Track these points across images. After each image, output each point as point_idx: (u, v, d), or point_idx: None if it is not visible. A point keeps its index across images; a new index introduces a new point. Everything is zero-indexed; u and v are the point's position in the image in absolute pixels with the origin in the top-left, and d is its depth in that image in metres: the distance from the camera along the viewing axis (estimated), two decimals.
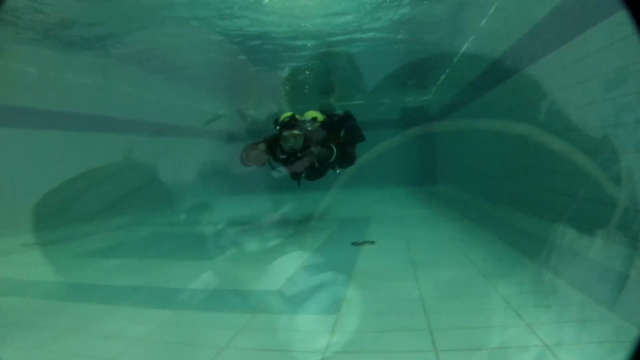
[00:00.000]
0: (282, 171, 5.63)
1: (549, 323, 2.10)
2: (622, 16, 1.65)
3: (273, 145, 5.47)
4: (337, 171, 5.29)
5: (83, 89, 9.52)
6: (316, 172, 5.65)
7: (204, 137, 13.78)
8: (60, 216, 8.18)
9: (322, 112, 6.41)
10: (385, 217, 6.29)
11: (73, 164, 8.79)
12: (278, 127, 5.44)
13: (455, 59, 9.16)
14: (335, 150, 5.27)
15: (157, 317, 2.50)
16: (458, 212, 6.06)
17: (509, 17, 5.63)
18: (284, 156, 5.34)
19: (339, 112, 6.94)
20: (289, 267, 3.41)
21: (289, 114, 5.61)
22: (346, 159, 5.56)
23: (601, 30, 3.00)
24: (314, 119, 5.86)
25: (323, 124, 5.93)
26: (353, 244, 4.29)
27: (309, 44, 8.62)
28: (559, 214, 4.02)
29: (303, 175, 5.60)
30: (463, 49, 8.34)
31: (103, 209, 9.20)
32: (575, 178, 3.72)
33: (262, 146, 5.38)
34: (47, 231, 6.88)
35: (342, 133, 6.54)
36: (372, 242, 4.29)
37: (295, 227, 5.85)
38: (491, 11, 6.15)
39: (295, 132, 5.27)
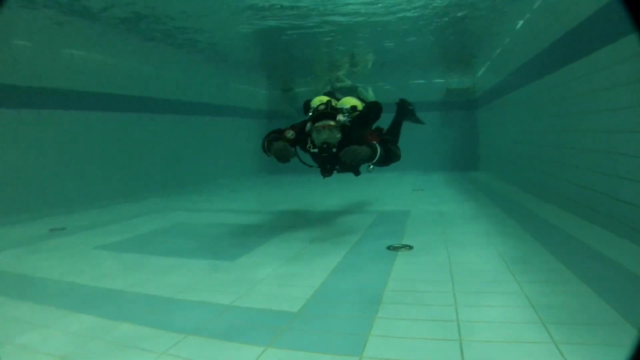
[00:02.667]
0: (311, 165, 4.94)
1: None
2: None
3: (304, 135, 4.67)
4: (371, 167, 4.29)
5: (136, 74, 9.54)
6: (351, 168, 4.90)
7: (244, 116, 13.67)
8: (93, 198, 8.24)
9: (361, 100, 5.43)
10: (425, 212, 5.81)
11: (110, 145, 8.83)
12: (310, 115, 4.61)
13: (507, 41, 8.54)
14: (379, 149, 4.19)
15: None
16: (504, 211, 5.54)
17: None
18: (315, 150, 4.52)
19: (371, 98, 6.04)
20: (306, 285, 3.06)
21: (324, 98, 4.74)
22: (390, 158, 4.47)
23: None
24: (354, 108, 4.89)
25: (362, 115, 4.99)
26: (389, 247, 3.91)
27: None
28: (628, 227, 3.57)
29: (335, 171, 4.88)
30: (515, 29, 7.73)
31: (133, 191, 9.25)
32: None
33: (290, 134, 4.55)
34: (78, 214, 6.88)
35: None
36: (410, 247, 3.87)
37: (326, 222, 5.51)
38: None
39: (331, 123, 4.41)
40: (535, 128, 6.56)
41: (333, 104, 4.69)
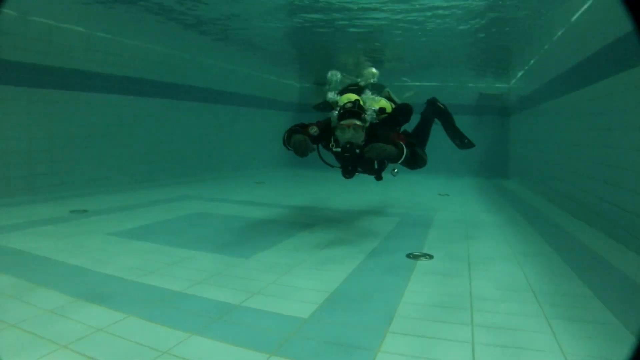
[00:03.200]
0: (332, 165, 4.73)
1: None
2: None
3: (326, 133, 4.47)
4: (396, 170, 4.27)
5: (170, 60, 9.60)
6: (374, 170, 4.76)
7: (274, 107, 13.64)
8: (119, 182, 8.32)
9: (390, 100, 5.25)
10: (449, 219, 5.63)
11: (138, 130, 8.89)
12: (336, 113, 4.37)
13: (545, 47, 8.23)
14: (405, 151, 4.02)
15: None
16: (532, 226, 5.31)
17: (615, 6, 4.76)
18: (338, 149, 4.33)
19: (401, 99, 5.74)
20: (320, 289, 2.95)
21: (353, 97, 4.47)
22: (416, 162, 4.27)
23: None
24: (382, 110, 4.74)
25: (391, 117, 4.88)
26: (408, 255, 3.77)
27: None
28: None
29: (357, 173, 4.64)
30: (556, 37, 7.43)
31: (158, 177, 9.31)
32: None
33: (314, 129, 4.35)
34: (101, 197, 6.93)
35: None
36: (430, 257, 3.72)
37: (347, 223, 5.39)
38: None
39: (357, 122, 4.22)
40: (570, 140, 6.29)
41: (361, 103, 4.47)
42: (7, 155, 6.52)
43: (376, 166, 4.70)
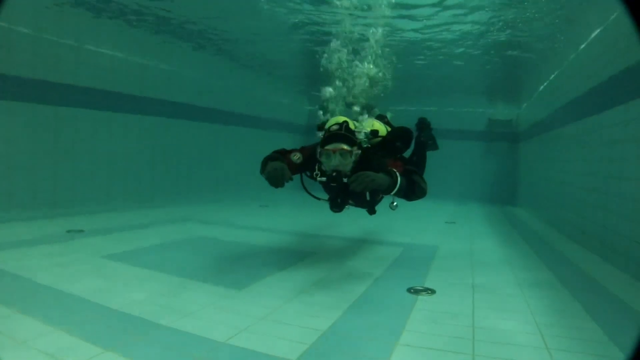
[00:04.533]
0: (319, 197, 4.15)
1: None
2: None
3: (310, 161, 3.92)
4: (395, 203, 3.69)
5: (177, 79, 9.62)
6: (367, 203, 4.16)
7: (282, 129, 13.57)
8: (118, 201, 8.23)
9: (385, 123, 4.72)
10: (455, 250, 5.44)
11: (139, 148, 8.84)
12: (321, 136, 3.86)
13: (557, 73, 8.11)
14: (400, 180, 3.35)
15: None
16: (542, 259, 5.10)
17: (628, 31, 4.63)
18: (322, 178, 3.76)
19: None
20: (312, 327, 2.78)
21: (341, 119, 3.93)
22: (414, 191, 3.55)
23: None
24: (374, 133, 4.15)
25: (385, 141, 4.27)
26: (409, 290, 3.59)
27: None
28: None
29: (347, 206, 4.09)
30: (568, 61, 7.31)
31: (160, 197, 9.22)
32: None
33: (296, 156, 3.87)
34: (99, 216, 6.84)
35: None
36: (432, 292, 3.54)
37: (349, 252, 5.22)
38: (611, 18, 5.13)
39: (344, 146, 3.64)
40: (582, 169, 6.11)
41: (352, 126, 3.91)
42: (10, 170, 6.50)
43: (368, 198, 4.07)
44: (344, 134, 3.70)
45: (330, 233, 6.33)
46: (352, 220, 7.29)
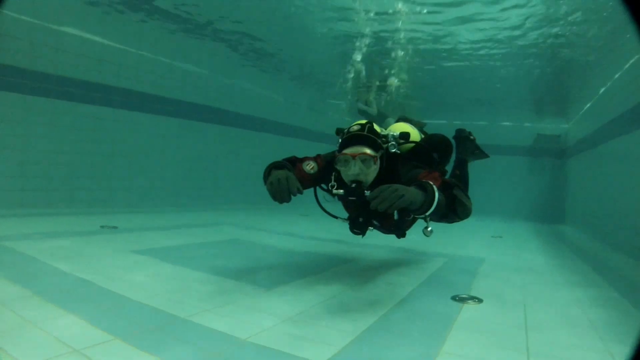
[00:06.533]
0: (336, 216, 3.57)
1: None
2: None
3: (327, 171, 3.29)
4: (429, 229, 2.85)
5: (219, 85, 9.66)
6: (396, 223, 3.42)
7: (322, 139, 13.39)
8: (158, 202, 8.22)
9: (419, 129, 3.97)
10: (503, 262, 5.05)
11: (183, 152, 8.85)
12: (340, 141, 3.15)
13: (606, 86, 7.63)
14: (437, 195, 2.50)
15: None
16: (598, 274, 4.66)
17: None
18: (340, 191, 3.06)
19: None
20: (343, 330, 2.52)
21: (363, 121, 3.20)
22: (455, 211, 2.75)
23: None
24: (405, 136, 3.30)
25: (420, 149, 3.56)
26: (454, 298, 3.27)
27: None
28: None
29: (373, 226, 3.40)
30: (618, 74, 6.85)
31: (203, 201, 9.18)
32: None
33: (310, 166, 3.27)
34: (138, 215, 6.81)
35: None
36: (479, 300, 3.21)
37: (388, 261, 4.92)
38: None
39: (367, 150, 2.97)
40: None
41: (377, 128, 3.22)
42: (50, 168, 6.56)
43: (396, 217, 3.34)
44: (367, 135, 3.03)
45: (369, 242, 6.02)
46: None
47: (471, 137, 4.81)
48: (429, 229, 2.87)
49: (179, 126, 8.75)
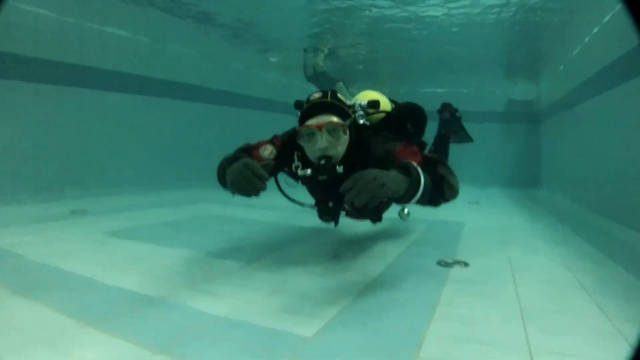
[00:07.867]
0: (301, 203, 3.24)
1: None
2: None
3: (288, 151, 2.80)
4: (406, 211, 2.72)
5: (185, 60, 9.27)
6: (370, 211, 3.15)
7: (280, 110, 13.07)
8: (131, 183, 7.90)
9: (392, 101, 3.53)
10: (481, 226, 5.01)
11: (158, 131, 8.52)
12: (300, 113, 2.71)
13: (580, 47, 7.60)
14: (423, 179, 2.13)
15: None
16: (576, 232, 4.68)
17: None
18: (306, 171, 2.56)
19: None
20: (332, 302, 2.41)
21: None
22: (442, 194, 2.42)
23: None
24: (374, 104, 2.99)
25: (392, 119, 3.19)
26: (439, 262, 3.20)
27: None
28: None
29: (344, 211, 3.13)
30: (594, 30, 6.80)
31: (180, 179, 8.89)
32: None
33: (268, 151, 2.71)
34: (107, 198, 6.55)
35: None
36: (465, 264, 3.14)
37: (369, 226, 4.83)
38: None
39: (333, 119, 2.56)
40: (621, 140, 5.62)
41: (342, 97, 2.80)
42: (14, 153, 6.19)
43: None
44: (331, 101, 2.62)
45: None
46: None
47: (457, 114, 4.59)
48: (406, 211, 2.69)
49: (149, 104, 8.37)
